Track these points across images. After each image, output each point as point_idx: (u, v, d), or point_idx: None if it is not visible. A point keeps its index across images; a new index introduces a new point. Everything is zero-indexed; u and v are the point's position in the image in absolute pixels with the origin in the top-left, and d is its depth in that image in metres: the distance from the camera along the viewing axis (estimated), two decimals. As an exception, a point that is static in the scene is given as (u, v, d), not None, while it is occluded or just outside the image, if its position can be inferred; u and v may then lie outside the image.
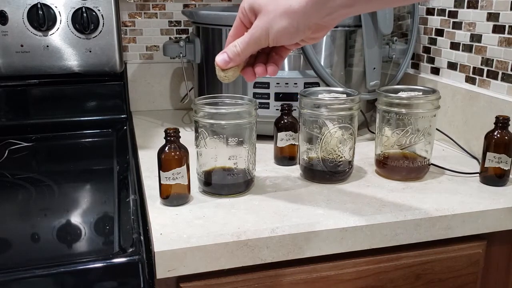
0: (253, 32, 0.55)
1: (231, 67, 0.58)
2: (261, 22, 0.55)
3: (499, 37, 0.83)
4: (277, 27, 0.54)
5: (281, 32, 0.54)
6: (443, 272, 0.70)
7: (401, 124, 0.75)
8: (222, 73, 0.59)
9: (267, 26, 0.54)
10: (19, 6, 0.96)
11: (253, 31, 0.56)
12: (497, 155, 0.73)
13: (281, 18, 0.53)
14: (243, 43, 0.56)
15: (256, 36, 0.55)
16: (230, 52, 0.58)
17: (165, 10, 1.17)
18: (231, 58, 0.58)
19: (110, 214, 0.68)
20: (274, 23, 0.54)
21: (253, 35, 0.55)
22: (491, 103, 0.83)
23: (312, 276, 0.65)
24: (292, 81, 0.90)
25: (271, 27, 0.54)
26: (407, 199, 0.70)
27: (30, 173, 0.85)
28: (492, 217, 0.69)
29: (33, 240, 0.63)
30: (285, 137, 0.81)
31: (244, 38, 0.57)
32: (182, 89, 1.21)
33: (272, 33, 0.54)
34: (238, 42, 0.57)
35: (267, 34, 0.55)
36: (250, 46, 0.57)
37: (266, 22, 0.54)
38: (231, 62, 0.58)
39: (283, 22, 0.53)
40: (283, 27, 0.54)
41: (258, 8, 0.55)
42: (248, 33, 0.56)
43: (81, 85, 1.06)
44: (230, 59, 0.58)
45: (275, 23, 0.54)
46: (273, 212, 0.65)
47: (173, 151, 0.65)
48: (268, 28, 0.54)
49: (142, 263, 0.56)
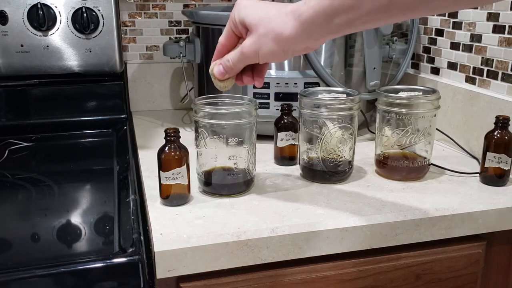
0: (244, 51, 0.58)
1: (227, 78, 0.62)
2: (251, 43, 0.57)
3: (499, 37, 0.83)
4: (266, 50, 0.56)
5: (270, 55, 0.57)
6: (443, 272, 0.70)
7: (401, 124, 0.75)
8: (221, 83, 0.63)
9: (257, 47, 0.56)
10: (19, 6, 0.96)
11: (243, 50, 0.58)
12: (497, 155, 0.73)
13: (271, 43, 0.55)
14: (235, 60, 0.60)
15: (246, 55, 0.58)
16: (224, 65, 0.61)
17: (165, 10, 1.17)
18: (227, 71, 0.61)
19: (110, 214, 0.68)
20: (264, 46, 0.56)
21: (244, 53, 0.58)
22: (491, 103, 0.83)
23: (312, 276, 0.65)
24: (292, 81, 0.90)
25: (260, 49, 0.56)
26: (407, 199, 0.70)
27: (30, 173, 0.85)
28: (492, 217, 0.69)
29: (33, 240, 0.63)
30: (285, 137, 0.81)
31: (236, 55, 0.59)
32: (182, 89, 1.21)
33: (261, 54, 0.57)
34: (231, 58, 0.60)
35: (256, 55, 0.57)
36: (241, 62, 0.60)
37: (256, 44, 0.56)
38: (227, 75, 0.61)
39: (273, 47, 0.55)
40: (272, 51, 0.56)
41: (249, 26, 0.57)
42: (239, 50, 0.59)
43: (81, 85, 1.06)
44: (226, 71, 0.61)
45: (265, 46, 0.56)
46: (273, 212, 0.65)
47: (173, 151, 0.65)
48: (258, 50, 0.56)
49: (142, 263, 0.56)
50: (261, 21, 0.55)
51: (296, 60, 0.91)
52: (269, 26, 0.54)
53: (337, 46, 0.92)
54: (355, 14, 0.48)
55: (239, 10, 0.58)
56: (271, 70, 0.90)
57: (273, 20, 0.54)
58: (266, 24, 0.55)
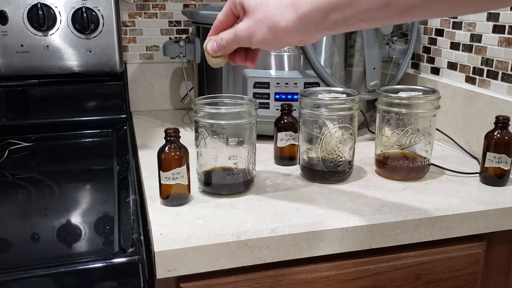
0: (237, 34, 0.57)
1: (219, 55, 0.62)
2: (246, 26, 0.56)
3: (499, 37, 0.83)
4: (260, 37, 0.55)
5: (263, 42, 0.56)
6: (443, 272, 0.70)
7: (401, 124, 0.75)
8: (213, 60, 0.63)
9: (251, 32, 0.56)
10: (19, 6, 0.96)
11: (237, 32, 0.57)
12: (497, 155, 0.73)
13: (266, 31, 0.54)
14: (228, 40, 0.59)
15: (239, 37, 0.57)
16: (218, 43, 0.60)
17: (165, 10, 1.17)
18: (219, 49, 0.61)
19: (110, 214, 0.68)
20: (258, 32, 0.55)
21: (237, 35, 0.57)
22: (491, 103, 0.83)
23: (312, 276, 0.65)
24: (292, 81, 0.90)
25: (255, 34, 0.56)
26: (407, 199, 0.70)
27: (30, 173, 0.85)
28: (492, 217, 0.69)
29: (33, 240, 0.63)
30: (285, 137, 0.81)
31: (230, 35, 0.59)
32: (182, 89, 1.21)
33: (254, 40, 0.56)
34: (225, 37, 0.59)
35: (249, 39, 0.57)
36: (234, 43, 0.59)
37: (251, 29, 0.56)
38: (219, 52, 0.61)
39: (267, 35, 0.55)
40: (266, 39, 0.55)
41: (247, 8, 0.56)
42: (233, 31, 0.58)
43: (81, 85, 1.06)
44: (219, 49, 0.61)
45: (259, 33, 0.55)
46: (273, 212, 0.65)
47: (173, 151, 0.65)
48: (252, 35, 0.56)
49: (142, 263, 0.56)
50: (260, 6, 0.54)
51: (296, 60, 0.91)
52: (267, 13, 0.54)
53: (337, 46, 0.92)
54: (352, 11, 0.48)
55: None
56: (271, 70, 0.90)
57: (272, 8, 0.53)
58: (264, 10, 0.54)
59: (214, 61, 0.63)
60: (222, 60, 0.62)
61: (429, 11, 0.46)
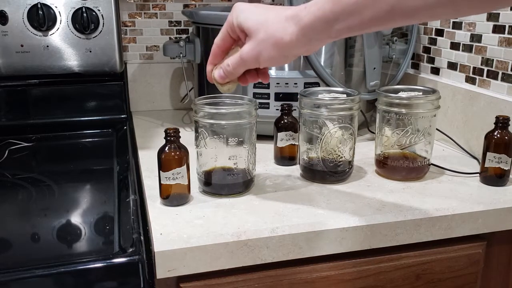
0: (243, 57, 0.57)
1: (227, 82, 0.62)
2: (251, 48, 0.56)
3: (499, 37, 0.83)
4: (267, 56, 0.56)
5: (271, 60, 0.56)
6: (443, 272, 0.70)
7: (401, 124, 0.75)
8: (224, 87, 0.63)
9: (257, 53, 0.56)
10: (19, 6, 0.96)
11: (243, 55, 0.57)
12: (497, 155, 0.73)
13: (271, 48, 0.55)
14: (235, 65, 0.59)
15: (245, 60, 0.58)
16: (224, 70, 0.60)
17: (165, 10, 1.17)
18: (227, 75, 0.61)
19: (110, 214, 0.68)
20: (264, 52, 0.55)
21: (243, 59, 0.58)
22: (491, 103, 0.83)
23: (312, 276, 0.65)
24: (292, 81, 0.90)
25: (261, 55, 0.56)
26: (407, 199, 0.70)
27: (30, 173, 0.85)
28: (492, 217, 0.69)
29: (33, 240, 0.63)
30: (285, 137, 0.81)
31: (235, 60, 0.59)
32: (182, 89, 1.21)
33: (261, 60, 0.57)
34: (230, 62, 0.59)
35: (257, 60, 0.57)
36: (241, 67, 0.59)
37: (256, 50, 0.56)
38: (227, 78, 0.61)
39: (273, 53, 0.55)
40: (272, 57, 0.56)
41: (247, 30, 0.56)
42: (238, 55, 0.58)
43: (81, 85, 1.06)
44: (226, 76, 0.61)
45: (265, 52, 0.55)
46: (273, 212, 0.65)
47: (173, 151, 0.65)
48: (258, 56, 0.56)
49: (142, 263, 0.56)
50: (261, 26, 0.55)
51: (296, 60, 0.91)
52: (268, 31, 0.54)
53: (337, 46, 0.92)
54: (355, 20, 0.48)
55: (237, 14, 0.57)
56: (271, 70, 0.90)
57: (272, 25, 0.54)
58: (265, 29, 0.54)
59: (225, 88, 0.63)
60: (233, 85, 0.62)
61: (433, 15, 0.46)
